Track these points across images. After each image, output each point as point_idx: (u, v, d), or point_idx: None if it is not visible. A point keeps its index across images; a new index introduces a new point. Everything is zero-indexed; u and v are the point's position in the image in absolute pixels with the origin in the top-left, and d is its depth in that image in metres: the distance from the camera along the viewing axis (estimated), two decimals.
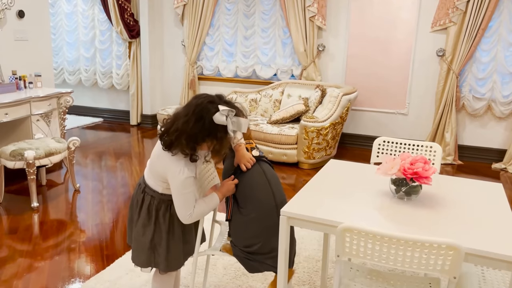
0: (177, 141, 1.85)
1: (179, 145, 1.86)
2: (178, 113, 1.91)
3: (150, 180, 2.04)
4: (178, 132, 1.85)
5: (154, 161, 2.01)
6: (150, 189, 2.04)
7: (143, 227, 2.04)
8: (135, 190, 2.11)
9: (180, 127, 1.84)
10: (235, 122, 1.86)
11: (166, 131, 1.90)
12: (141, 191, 2.06)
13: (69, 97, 4.70)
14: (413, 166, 1.92)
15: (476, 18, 4.99)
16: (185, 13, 6.51)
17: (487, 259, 1.58)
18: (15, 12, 4.63)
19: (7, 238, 3.23)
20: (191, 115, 1.85)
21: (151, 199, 2.03)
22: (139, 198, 2.06)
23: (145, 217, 2.04)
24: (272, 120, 5.32)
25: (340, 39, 5.82)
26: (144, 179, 2.07)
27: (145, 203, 2.04)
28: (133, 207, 2.10)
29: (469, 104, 5.33)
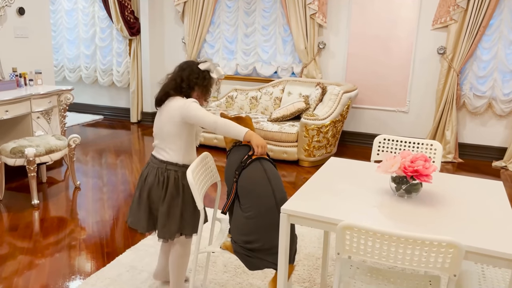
0: (177, 89, 2.29)
1: (178, 92, 2.29)
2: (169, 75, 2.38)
3: (170, 155, 2.30)
4: (177, 81, 2.30)
5: (167, 121, 2.27)
6: (171, 165, 2.29)
7: (173, 200, 2.27)
8: (155, 174, 2.30)
9: (176, 76, 2.31)
10: (214, 67, 2.39)
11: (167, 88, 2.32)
12: (163, 170, 2.29)
13: (69, 94, 4.70)
14: (414, 164, 1.92)
15: (477, 16, 4.98)
16: (186, 11, 6.50)
17: (487, 257, 1.58)
18: (16, 9, 4.62)
19: (7, 235, 3.23)
20: (183, 68, 2.34)
21: (175, 173, 2.29)
22: (163, 177, 2.28)
23: (174, 191, 2.28)
24: (272, 118, 5.32)
25: (340, 37, 5.81)
26: (162, 160, 2.30)
27: (171, 179, 2.28)
28: (155, 189, 2.30)
29: (469, 102, 5.33)
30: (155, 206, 2.33)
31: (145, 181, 2.32)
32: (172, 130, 2.26)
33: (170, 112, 2.26)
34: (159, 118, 2.34)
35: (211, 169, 2.41)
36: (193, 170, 2.13)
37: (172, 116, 2.25)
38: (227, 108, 6.17)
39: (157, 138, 2.34)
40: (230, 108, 6.15)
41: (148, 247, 3.09)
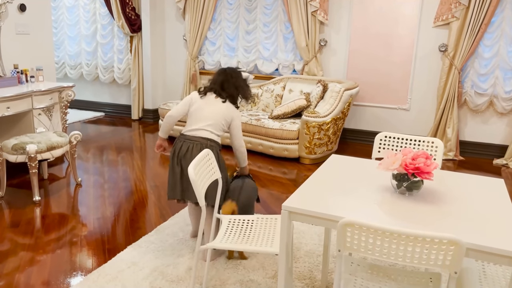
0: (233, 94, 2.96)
1: (233, 97, 2.96)
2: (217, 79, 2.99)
3: (213, 136, 2.87)
4: (234, 87, 2.96)
5: (222, 113, 2.89)
6: (214, 142, 2.87)
7: (221, 172, 2.63)
8: (199, 149, 2.78)
9: (233, 83, 2.96)
10: (249, 77, 3.17)
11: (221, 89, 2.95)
12: (207, 145, 2.81)
13: (70, 91, 4.70)
14: (415, 161, 1.92)
15: (479, 14, 4.97)
16: (187, 8, 6.49)
17: (488, 254, 1.58)
18: (17, 5, 4.62)
19: (9, 232, 3.24)
20: (234, 76, 3.00)
21: (216, 149, 2.86)
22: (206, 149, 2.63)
23: (218, 163, 2.69)
24: (273, 115, 5.32)
25: (342, 34, 5.80)
26: (207, 138, 2.84)
27: (215, 153, 2.77)
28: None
29: (471, 99, 5.32)
30: (183, 171, 2.82)
31: (180, 151, 2.82)
32: (222, 124, 2.90)
33: (228, 113, 2.91)
34: (213, 107, 2.90)
35: (212, 166, 2.41)
36: (194, 167, 2.13)
37: (227, 116, 2.90)
38: None
39: (206, 121, 2.86)
40: None
41: (149, 243, 3.10)
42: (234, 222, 2.49)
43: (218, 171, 2.46)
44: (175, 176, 2.85)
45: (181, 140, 2.86)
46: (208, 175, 2.34)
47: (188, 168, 2.10)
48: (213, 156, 2.42)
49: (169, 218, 3.52)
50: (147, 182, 4.36)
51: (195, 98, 2.96)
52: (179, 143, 2.85)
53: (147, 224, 3.43)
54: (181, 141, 2.85)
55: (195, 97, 2.96)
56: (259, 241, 2.25)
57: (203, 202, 2.14)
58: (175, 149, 2.85)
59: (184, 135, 2.87)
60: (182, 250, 3.02)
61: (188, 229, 3.32)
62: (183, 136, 2.87)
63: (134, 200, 3.91)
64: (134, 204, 3.81)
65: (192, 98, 2.97)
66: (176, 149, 2.85)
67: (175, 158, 2.84)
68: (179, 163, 2.83)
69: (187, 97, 2.99)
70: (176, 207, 3.74)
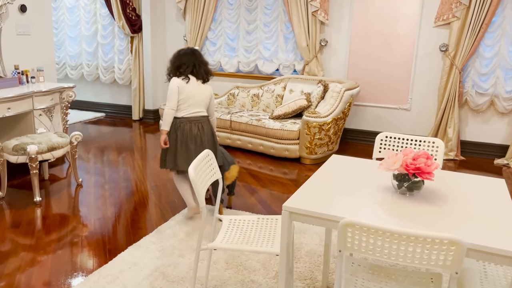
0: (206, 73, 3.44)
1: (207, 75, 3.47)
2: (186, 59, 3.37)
3: (206, 113, 3.45)
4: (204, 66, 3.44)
5: (208, 95, 3.44)
6: (206, 118, 3.45)
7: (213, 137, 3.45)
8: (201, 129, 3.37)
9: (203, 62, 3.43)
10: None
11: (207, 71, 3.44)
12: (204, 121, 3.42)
13: (71, 91, 4.70)
14: (416, 161, 1.92)
15: (479, 13, 4.96)
16: (187, 8, 6.49)
17: (489, 255, 1.58)
18: (17, 6, 4.62)
19: (10, 232, 3.24)
20: (200, 55, 3.45)
21: (208, 122, 3.46)
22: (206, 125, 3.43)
23: (212, 133, 3.46)
24: (274, 116, 5.31)
25: (342, 34, 5.80)
26: (205, 116, 3.43)
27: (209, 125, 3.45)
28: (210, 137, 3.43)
29: (471, 99, 5.31)
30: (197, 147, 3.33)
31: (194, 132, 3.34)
32: (208, 102, 3.46)
33: (210, 93, 3.46)
34: (200, 90, 3.38)
35: (213, 166, 2.41)
36: (195, 167, 2.13)
37: (210, 95, 3.46)
38: (229, 105, 6.17)
39: (201, 104, 3.39)
40: (231, 106, 6.14)
41: (149, 243, 3.10)
42: (234, 222, 2.49)
43: (219, 172, 2.46)
44: (188, 152, 3.32)
45: (187, 123, 3.34)
46: (209, 176, 2.34)
47: (189, 169, 2.10)
48: (213, 157, 2.42)
49: (169, 219, 3.52)
50: (147, 182, 4.36)
51: (182, 86, 3.32)
52: (187, 125, 3.33)
53: (147, 224, 3.43)
54: (189, 123, 3.34)
55: (181, 85, 3.32)
56: (259, 242, 2.25)
57: (204, 203, 2.14)
58: (184, 130, 3.32)
59: (187, 117, 3.34)
60: (183, 251, 3.02)
61: (188, 229, 3.32)
62: (188, 119, 3.34)
63: (135, 200, 3.91)
64: (134, 205, 3.81)
65: (179, 87, 3.32)
66: (185, 129, 3.32)
67: (186, 137, 3.32)
68: (193, 141, 3.33)
69: (174, 88, 3.31)
70: (177, 207, 3.74)
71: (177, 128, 3.33)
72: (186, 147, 3.31)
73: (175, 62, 3.39)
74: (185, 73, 3.34)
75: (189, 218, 3.50)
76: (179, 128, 3.32)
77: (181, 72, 3.35)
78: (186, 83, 3.32)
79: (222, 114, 5.50)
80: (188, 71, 3.34)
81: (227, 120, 5.41)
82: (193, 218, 3.50)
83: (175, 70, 3.38)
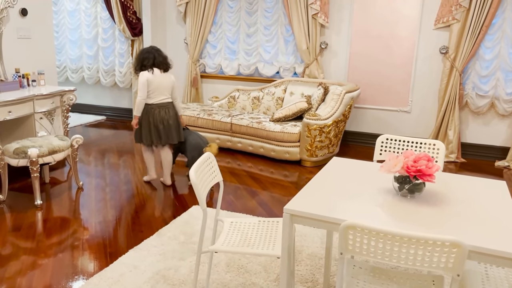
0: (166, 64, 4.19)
1: (167, 66, 4.19)
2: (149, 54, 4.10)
3: (170, 99, 4.19)
4: (163, 59, 4.16)
5: (172, 84, 4.18)
6: (171, 103, 4.22)
7: (177, 120, 4.25)
8: (166, 110, 4.13)
9: (162, 55, 4.16)
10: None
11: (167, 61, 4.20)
12: (171, 106, 4.20)
13: (72, 95, 4.71)
14: (417, 163, 1.92)
15: (479, 15, 4.97)
16: (188, 11, 6.51)
17: (491, 257, 1.58)
18: (18, 10, 4.63)
19: (10, 236, 3.24)
20: (158, 49, 4.18)
21: (173, 107, 4.23)
22: (172, 109, 4.21)
23: (177, 117, 4.25)
24: (274, 118, 5.32)
25: (342, 36, 5.81)
26: (171, 102, 4.20)
27: (174, 110, 4.22)
28: (174, 119, 4.19)
29: (472, 101, 5.32)
30: (165, 127, 4.14)
31: (162, 115, 4.10)
32: (171, 89, 4.20)
33: (172, 81, 4.19)
34: (165, 80, 4.10)
35: (214, 169, 2.41)
36: (196, 170, 2.13)
37: (173, 83, 4.19)
38: (230, 108, 6.17)
39: (166, 92, 4.13)
40: (232, 109, 6.15)
41: (150, 247, 3.10)
42: (235, 225, 2.48)
43: (220, 174, 2.46)
44: (158, 131, 4.12)
45: (156, 108, 4.10)
46: (210, 178, 2.34)
47: (190, 172, 2.11)
48: (214, 160, 2.43)
49: (170, 222, 3.52)
50: (148, 185, 4.36)
51: (150, 78, 4.02)
52: (156, 110, 4.10)
53: (148, 227, 3.43)
54: (158, 108, 4.10)
55: (150, 77, 4.02)
56: (260, 244, 2.25)
57: (205, 205, 2.14)
58: (154, 114, 4.09)
59: (156, 104, 4.09)
60: (184, 254, 3.02)
61: (188, 232, 3.32)
62: (157, 105, 4.10)
63: (136, 203, 3.91)
64: (135, 208, 3.81)
65: (148, 80, 4.02)
66: (155, 114, 4.09)
67: (156, 120, 4.09)
68: (161, 122, 4.11)
69: (144, 81, 4.01)
70: (178, 210, 3.74)
71: (149, 113, 4.09)
72: (156, 127, 4.12)
73: (139, 58, 4.11)
74: (148, 65, 4.05)
75: (145, 181, 4.46)
76: (150, 112, 4.09)
77: (145, 65, 4.06)
78: (152, 74, 4.02)
79: (222, 117, 5.50)
80: (150, 63, 4.05)
81: (228, 123, 5.42)
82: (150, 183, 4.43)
83: (139, 65, 4.09)
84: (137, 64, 4.12)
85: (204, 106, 6.15)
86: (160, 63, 4.09)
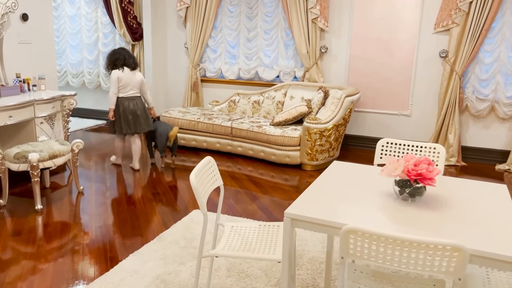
0: (135, 63, 4.77)
1: (136, 65, 4.77)
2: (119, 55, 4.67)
3: (139, 93, 4.79)
4: (132, 58, 4.73)
5: (140, 81, 4.78)
6: (139, 97, 4.79)
7: (145, 111, 4.84)
8: (134, 103, 4.73)
9: (131, 56, 4.74)
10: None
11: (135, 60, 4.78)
12: (139, 100, 4.79)
13: (72, 99, 4.71)
14: (417, 167, 1.92)
15: (479, 19, 4.99)
16: (188, 16, 6.53)
17: (492, 261, 1.57)
18: (19, 15, 4.65)
19: (11, 240, 3.24)
20: (127, 50, 4.73)
21: (141, 100, 4.82)
22: (141, 103, 4.80)
23: (145, 109, 4.82)
24: (275, 122, 5.32)
25: (342, 40, 5.82)
26: (138, 96, 4.78)
27: (142, 102, 4.82)
28: (142, 110, 4.78)
29: (472, 105, 5.32)
30: (134, 118, 4.72)
31: (131, 108, 4.69)
32: (140, 85, 4.80)
33: (141, 78, 4.80)
34: (133, 77, 4.71)
35: (214, 173, 2.41)
36: (196, 174, 2.13)
37: (141, 80, 4.80)
38: (230, 112, 6.18)
39: (135, 87, 4.74)
40: (232, 113, 6.15)
41: (151, 251, 3.09)
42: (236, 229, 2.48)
43: (220, 178, 2.46)
44: (127, 121, 4.68)
45: (126, 101, 4.68)
46: (210, 182, 2.34)
47: (190, 176, 2.11)
48: (214, 164, 2.43)
49: (171, 226, 3.51)
50: (148, 189, 4.35)
51: (120, 76, 4.60)
52: (126, 102, 4.68)
53: (149, 232, 3.43)
54: (127, 101, 4.68)
55: (120, 75, 4.60)
56: (261, 249, 2.24)
57: (205, 210, 2.14)
58: (124, 106, 4.67)
59: (126, 97, 4.68)
60: (184, 258, 3.01)
61: (189, 237, 3.31)
62: (126, 98, 4.68)
63: (136, 208, 3.90)
64: (136, 212, 3.80)
65: (118, 77, 4.59)
66: (125, 105, 4.67)
67: (126, 111, 4.68)
68: (130, 113, 4.69)
69: (115, 78, 4.58)
70: (178, 215, 3.74)
71: (120, 105, 4.66)
72: (126, 118, 4.68)
73: (111, 58, 4.63)
74: (119, 64, 4.59)
75: (112, 163, 5.13)
76: (121, 105, 4.66)
77: (116, 65, 4.59)
78: (122, 72, 4.60)
79: (223, 121, 5.51)
80: (120, 63, 4.59)
81: (228, 127, 5.42)
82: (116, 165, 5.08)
83: (111, 64, 4.62)
84: (108, 64, 4.64)
85: (205, 110, 6.15)
86: (129, 62, 4.65)
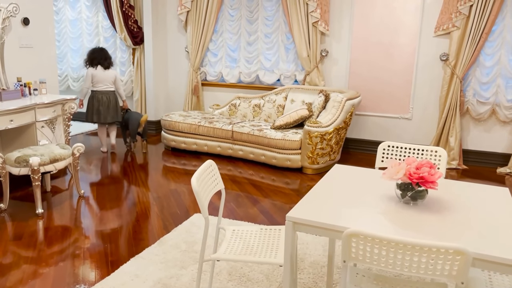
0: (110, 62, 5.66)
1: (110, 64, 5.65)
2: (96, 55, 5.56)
3: (112, 88, 5.59)
4: (109, 59, 5.64)
5: (115, 77, 5.63)
6: (112, 91, 5.59)
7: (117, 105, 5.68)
8: (107, 96, 5.56)
9: (107, 56, 5.63)
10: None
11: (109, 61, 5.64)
12: (113, 93, 5.59)
13: (73, 103, 4.72)
14: (419, 170, 1.91)
15: (479, 22, 4.99)
16: (189, 20, 6.54)
17: (495, 264, 1.57)
18: (20, 19, 4.66)
19: (12, 245, 3.23)
20: (106, 51, 5.67)
21: (114, 94, 5.62)
22: (113, 96, 5.59)
23: (117, 104, 5.64)
24: (275, 126, 5.32)
25: (343, 44, 5.83)
26: (112, 90, 5.58)
27: (114, 97, 5.61)
28: (113, 103, 5.59)
29: (473, 108, 5.32)
30: (104, 109, 5.53)
31: (104, 100, 5.51)
32: (113, 81, 5.61)
33: (114, 75, 5.62)
34: (106, 75, 5.53)
35: (215, 177, 2.41)
36: (197, 178, 2.13)
37: (114, 77, 5.61)
38: (230, 116, 6.18)
39: (107, 82, 5.54)
40: (233, 116, 6.16)
41: (152, 255, 3.09)
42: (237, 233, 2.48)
43: (221, 182, 2.46)
44: (98, 112, 5.50)
45: (100, 94, 5.51)
46: (211, 186, 2.34)
47: (191, 180, 2.10)
48: (216, 167, 2.43)
49: (172, 230, 3.51)
50: (149, 193, 4.35)
51: (94, 73, 5.46)
52: (99, 95, 5.50)
53: (150, 235, 3.42)
54: (101, 94, 5.51)
55: (93, 72, 5.46)
56: (263, 252, 2.24)
57: (207, 213, 2.14)
58: (98, 98, 5.50)
59: (99, 91, 5.50)
60: (185, 262, 3.00)
61: (190, 241, 3.31)
62: (100, 92, 5.51)
63: (137, 211, 3.90)
64: (137, 216, 3.80)
65: (92, 74, 5.46)
66: (98, 98, 5.50)
67: (99, 103, 5.50)
68: (102, 105, 5.49)
69: (89, 75, 5.46)
70: (179, 219, 3.73)
71: (94, 97, 5.50)
72: (97, 109, 5.49)
73: (90, 56, 5.50)
74: (94, 63, 5.47)
75: (102, 152, 5.82)
76: (95, 97, 5.50)
77: (93, 63, 5.48)
78: (96, 69, 5.47)
79: (224, 124, 5.51)
80: (95, 62, 5.48)
81: (229, 131, 5.42)
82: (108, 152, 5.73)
83: (90, 62, 5.50)
84: (87, 61, 5.52)
85: (205, 114, 6.16)
86: (103, 62, 5.48)
